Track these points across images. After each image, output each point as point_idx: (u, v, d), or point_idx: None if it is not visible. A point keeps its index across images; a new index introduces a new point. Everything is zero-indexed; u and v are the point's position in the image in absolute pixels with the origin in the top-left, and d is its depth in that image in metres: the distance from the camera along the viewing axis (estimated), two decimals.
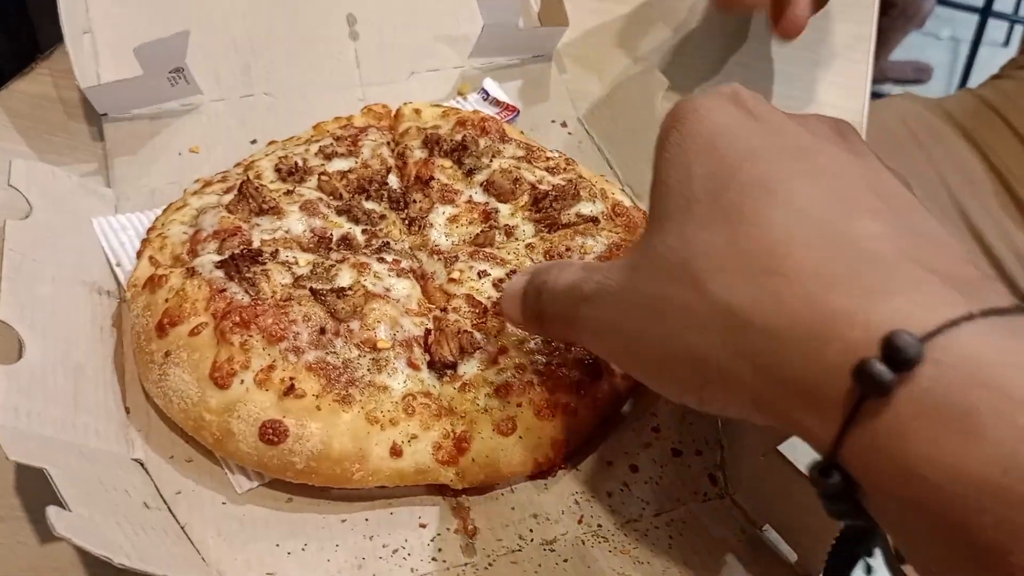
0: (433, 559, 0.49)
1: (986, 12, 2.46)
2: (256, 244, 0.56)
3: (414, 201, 0.62)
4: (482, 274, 0.57)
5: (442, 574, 0.48)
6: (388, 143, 0.66)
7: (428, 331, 0.54)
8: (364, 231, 0.60)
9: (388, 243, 0.59)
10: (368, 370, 0.51)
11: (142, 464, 0.51)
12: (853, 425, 0.31)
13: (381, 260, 0.57)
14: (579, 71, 0.81)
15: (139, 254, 0.58)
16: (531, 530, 0.50)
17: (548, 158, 0.66)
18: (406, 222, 0.61)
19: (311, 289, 0.53)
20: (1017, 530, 0.28)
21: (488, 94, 0.76)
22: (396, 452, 0.49)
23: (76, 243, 0.60)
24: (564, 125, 0.76)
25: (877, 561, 0.38)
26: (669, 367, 0.38)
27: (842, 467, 0.32)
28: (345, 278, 0.55)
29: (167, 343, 0.51)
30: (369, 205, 0.62)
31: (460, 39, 0.80)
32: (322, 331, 0.51)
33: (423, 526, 0.50)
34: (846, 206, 0.35)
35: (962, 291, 0.31)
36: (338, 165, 0.63)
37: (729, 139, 0.38)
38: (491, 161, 0.64)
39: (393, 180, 0.64)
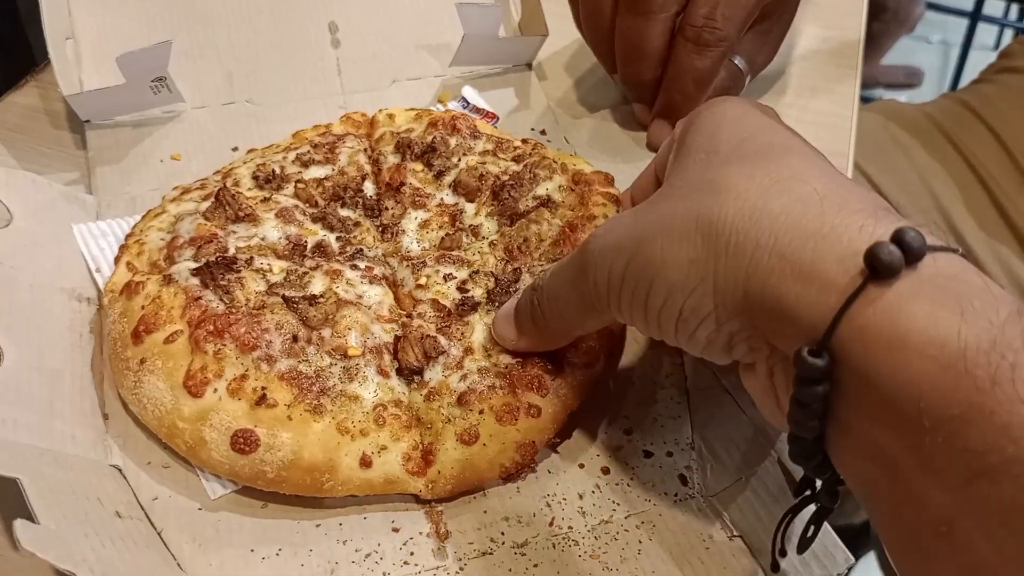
0: (405, 563, 0.49)
1: (976, 16, 2.47)
2: (231, 251, 0.57)
3: (386, 208, 0.63)
4: (447, 277, 0.57)
5: None
6: (365, 150, 0.67)
7: (397, 337, 0.54)
8: (339, 238, 0.60)
9: (361, 250, 0.59)
10: (340, 379, 0.51)
11: (120, 470, 0.52)
12: (855, 302, 0.35)
13: (354, 267, 0.58)
14: (559, 80, 0.82)
15: (117, 260, 0.59)
16: (503, 533, 0.51)
17: (515, 148, 0.65)
18: (380, 229, 0.62)
19: (283, 296, 0.53)
20: (1000, 396, 0.32)
21: (468, 102, 0.77)
22: (366, 463, 0.50)
23: (56, 250, 0.61)
24: (543, 133, 0.77)
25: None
26: (667, 272, 0.42)
27: (830, 350, 0.36)
28: (318, 285, 0.55)
29: (142, 350, 0.52)
30: (344, 212, 0.62)
31: (441, 48, 0.81)
32: (294, 339, 0.52)
33: (396, 530, 0.51)
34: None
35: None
36: (315, 172, 0.64)
37: (752, 118, 0.46)
38: (460, 160, 0.64)
39: (368, 187, 0.64)
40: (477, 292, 0.56)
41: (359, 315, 0.54)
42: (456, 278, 0.57)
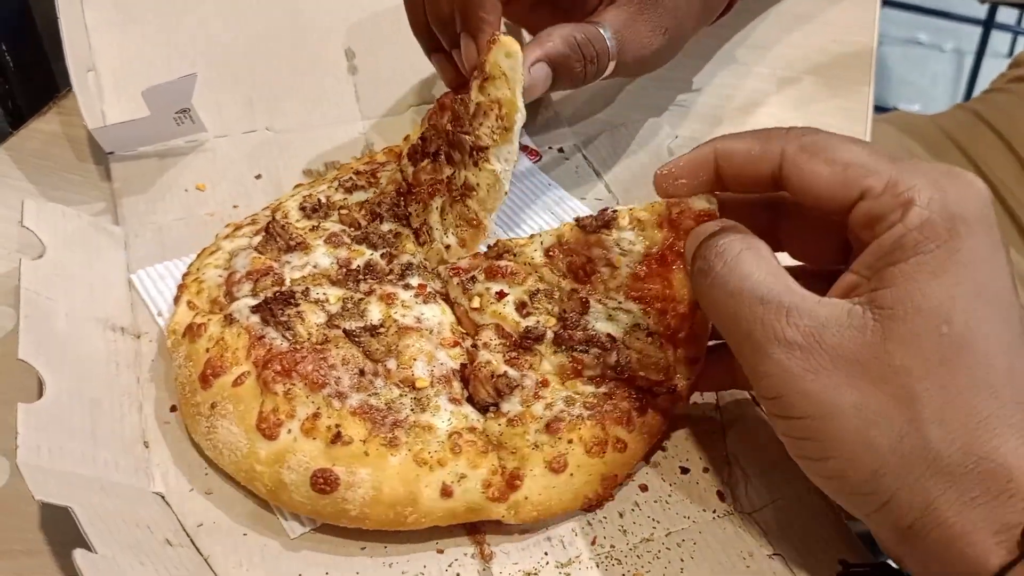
0: None
1: (989, 24, 2.46)
2: (288, 282, 0.57)
3: (411, 213, 0.63)
4: (500, 295, 0.57)
5: None
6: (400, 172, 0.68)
7: (464, 365, 0.54)
8: (383, 254, 0.61)
9: (411, 263, 0.60)
10: (412, 410, 0.51)
11: (163, 497, 0.52)
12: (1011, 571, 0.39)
13: (407, 287, 0.58)
14: (573, 98, 0.82)
15: (177, 299, 0.59)
16: (546, 553, 0.51)
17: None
18: (415, 235, 0.63)
19: (344, 330, 0.53)
20: None
21: None
22: (447, 492, 0.49)
23: (88, 280, 0.61)
24: (561, 151, 0.78)
25: None
26: (855, 450, 0.42)
27: None
28: (375, 313, 0.56)
29: (212, 394, 0.52)
30: (385, 227, 0.63)
31: None
32: (361, 373, 0.52)
33: (440, 552, 0.51)
34: None
35: None
36: (358, 197, 0.65)
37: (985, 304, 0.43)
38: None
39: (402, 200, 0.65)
40: (541, 320, 0.55)
41: (423, 343, 0.54)
42: (509, 296, 0.57)
